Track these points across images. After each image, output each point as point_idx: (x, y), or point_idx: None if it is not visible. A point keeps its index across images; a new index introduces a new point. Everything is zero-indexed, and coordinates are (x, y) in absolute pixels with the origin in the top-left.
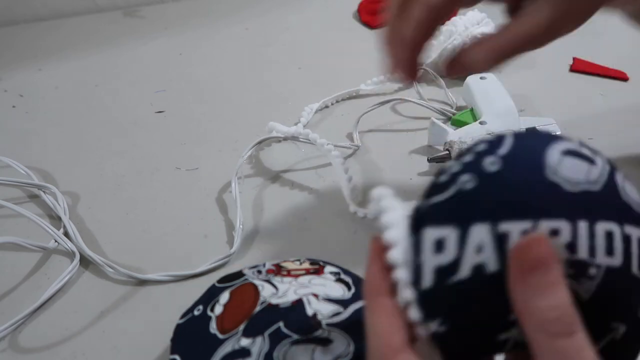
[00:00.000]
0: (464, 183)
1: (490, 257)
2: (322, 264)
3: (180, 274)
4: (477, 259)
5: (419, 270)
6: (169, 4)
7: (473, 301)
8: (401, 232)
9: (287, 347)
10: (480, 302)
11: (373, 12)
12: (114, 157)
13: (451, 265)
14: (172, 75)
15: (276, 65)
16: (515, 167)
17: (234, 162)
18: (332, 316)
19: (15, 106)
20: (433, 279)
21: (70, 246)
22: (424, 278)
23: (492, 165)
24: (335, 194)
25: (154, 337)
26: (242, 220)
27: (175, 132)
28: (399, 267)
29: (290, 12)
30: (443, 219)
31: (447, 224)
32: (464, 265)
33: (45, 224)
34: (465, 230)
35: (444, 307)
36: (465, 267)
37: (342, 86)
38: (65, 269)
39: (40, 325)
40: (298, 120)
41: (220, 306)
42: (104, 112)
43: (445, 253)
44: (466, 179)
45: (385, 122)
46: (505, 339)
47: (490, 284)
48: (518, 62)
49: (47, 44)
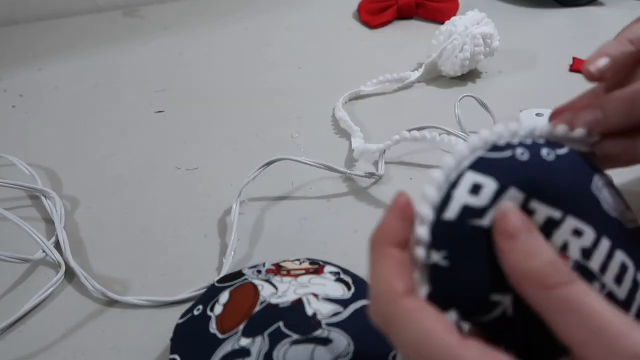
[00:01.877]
0: (520, 153)
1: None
2: (322, 264)
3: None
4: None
5: (448, 200)
6: (169, 4)
7: (484, 249)
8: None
9: (287, 347)
10: (489, 254)
11: (373, 12)
12: (113, 157)
13: (479, 210)
14: (172, 75)
15: (276, 65)
16: (568, 168)
17: (234, 161)
18: (332, 316)
19: (15, 106)
20: (458, 213)
21: (57, 257)
22: (449, 209)
23: (549, 155)
24: (335, 194)
25: (154, 337)
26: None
27: (175, 132)
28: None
29: (290, 12)
30: (489, 170)
31: (491, 175)
32: (489, 216)
33: (35, 234)
34: (504, 188)
35: (455, 242)
36: (489, 218)
37: (342, 86)
38: (50, 281)
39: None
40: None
41: (220, 306)
42: (104, 112)
43: (478, 197)
44: (522, 152)
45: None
46: (496, 301)
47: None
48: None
49: (47, 44)
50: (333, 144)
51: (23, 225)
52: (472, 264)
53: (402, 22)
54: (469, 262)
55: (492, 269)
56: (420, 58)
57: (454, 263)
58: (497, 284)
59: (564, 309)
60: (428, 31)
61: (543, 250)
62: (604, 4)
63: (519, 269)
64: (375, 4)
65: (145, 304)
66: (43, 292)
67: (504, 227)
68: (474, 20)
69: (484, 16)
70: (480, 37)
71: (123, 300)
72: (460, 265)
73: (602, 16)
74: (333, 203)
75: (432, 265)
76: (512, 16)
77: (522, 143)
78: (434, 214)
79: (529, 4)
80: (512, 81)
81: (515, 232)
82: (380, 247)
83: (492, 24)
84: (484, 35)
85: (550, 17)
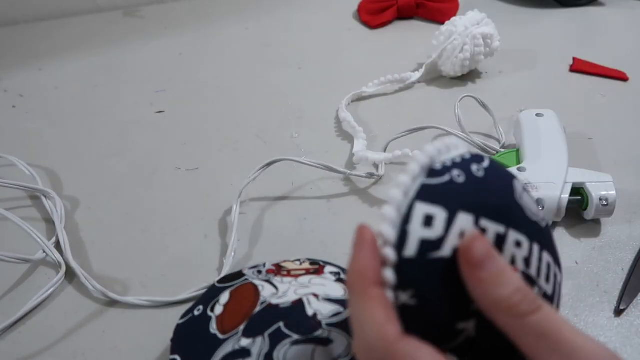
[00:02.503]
0: (455, 176)
1: None
2: (322, 264)
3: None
4: (458, 242)
5: (405, 236)
6: (169, 4)
7: (447, 280)
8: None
9: (287, 347)
10: (453, 284)
11: (373, 12)
12: (113, 157)
13: (436, 241)
14: (172, 75)
15: (276, 65)
16: (496, 181)
17: (234, 161)
18: (332, 316)
19: (15, 106)
20: (417, 249)
21: (57, 257)
22: (408, 246)
23: (478, 172)
24: (335, 194)
25: (154, 337)
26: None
27: (175, 132)
28: (388, 223)
29: (290, 12)
30: (435, 198)
31: (438, 204)
32: (447, 245)
33: (35, 234)
34: (453, 214)
35: (419, 280)
36: (448, 247)
37: (342, 86)
38: (51, 281)
39: (32, 329)
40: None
41: (220, 306)
42: (104, 112)
43: (432, 229)
44: (457, 173)
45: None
46: (462, 328)
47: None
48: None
49: (47, 44)
50: (333, 144)
51: (23, 225)
52: (437, 298)
53: (402, 22)
54: (435, 297)
55: (455, 298)
56: (421, 58)
57: (421, 301)
58: (462, 313)
59: (535, 334)
60: (428, 31)
61: (509, 276)
62: (604, 4)
63: (489, 298)
64: (375, 4)
65: (145, 304)
66: (43, 292)
67: (470, 257)
68: (474, 20)
69: (484, 16)
70: (480, 37)
71: (123, 300)
72: (427, 301)
73: (602, 16)
74: (333, 203)
75: (400, 305)
76: (512, 16)
77: (453, 162)
78: (395, 253)
79: (529, 4)
80: (512, 81)
81: (481, 261)
82: (363, 289)
83: (492, 24)
84: (484, 35)
85: (550, 17)
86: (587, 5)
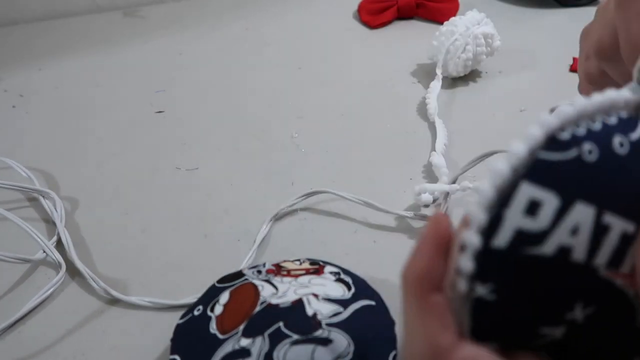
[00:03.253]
0: (586, 152)
1: (582, 244)
2: (322, 264)
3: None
4: (568, 240)
5: (497, 221)
6: (169, 4)
7: (539, 282)
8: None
9: (287, 347)
10: (546, 287)
11: (373, 12)
12: (113, 157)
13: (537, 235)
14: (172, 75)
15: (276, 65)
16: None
17: (234, 161)
18: (332, 316)
19: (15, 106)
20: (510, 240)
21: (58, 257)
22: (500, 234)
23: (620, 147)
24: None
25: (154, 337)
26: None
27: (175, 132)
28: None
29: (290, 12)
30: (550, 180)
31: (552, 187)
32: (551, 241)
33: (35, 234)
34: (569, 203)
35: (505, 276)
36: (552, 244)
37: (342, 86)
38: (51, 281)
39: (32, 329)
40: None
41: (220, 306)
42: (104, 112)
43: (536, 219)
44: (589, 148)
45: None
46: (544, 334)
47: (566, 272)
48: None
49: (47, 44)
50: (333, 144)
51: (23, 225)
52: (523, 298)
53: (402, 22)
54: (520, 297)
55: (547, 303)
56: (421, 58)
57: (502, 299)
58: (550, 319)
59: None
60: (428, 31)
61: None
62: None
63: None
64: (375, 4)
65: (148, 305)
66: (43, 292)
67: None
68: (474, 20)
69: (484, 16)
70: (481, 37)
71: (127, 299)
72: (510, 300)
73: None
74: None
75: (475, 298)
76: (512, 16)
77: (589, 131)
78: (480, 240)
79: (529, 4)
80: (512, 81)
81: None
82: (418, 296)
83: (491, 24)
84: (484, 35)
85: (550, 17)
86: (587, 5)
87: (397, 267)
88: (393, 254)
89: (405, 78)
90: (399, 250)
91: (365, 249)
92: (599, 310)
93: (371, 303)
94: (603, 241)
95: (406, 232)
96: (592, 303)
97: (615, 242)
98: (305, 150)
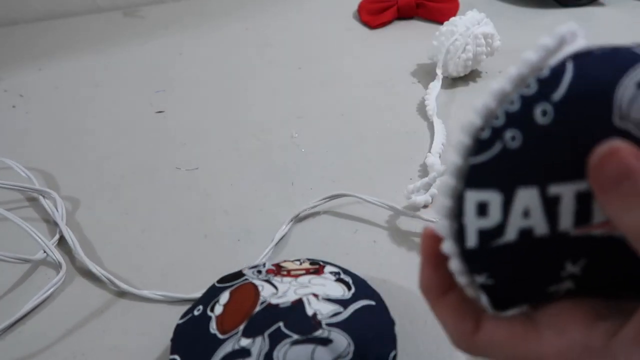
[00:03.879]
0: (508, 141)
1: (540, 221)
2: (322, 264)
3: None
4: (524, 223)
5: (461, 229)
6: (169, 4)
7: (521, 262)
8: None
9: (287, 347)
10: (529, 263)
11: (373, 12)
12: (113, 157)
13: (495, 229)
14: (172, 75)
15: (276, 65)
16: (573, 117)
17: (234, 161)
18: (332, 316)
19: (15, 106)
20: (477, 240)
21: (58, 257)
22: (468, 238)
23: (543, 117)
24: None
25: (154, 337)
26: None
27: (175, 132)
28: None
29: (290, 12)
30: (485, 182)
31: (490, 187)
32: (509, 229)
33: (36, 234)
34: (510, 195)
35: (489, 265)
36: (511, 231)
37: (342, 86)
38: (51, 281)
39: (32, 329)
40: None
41: (220, 306)
42: (104, 112)
43: (488, 217)
44: (511, 135)
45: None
46: (555, 290)
47: (540, 246)
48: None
49: (47, 44)
50: (333, 144)
51: (23, 225)
52: (516, 276)
53: (402, 22)
54: (513, 275)
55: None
56: (421, 58)
57: (499, 280)
58: (548, 280)
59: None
60: (428, 31)
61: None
62: (604, 4)
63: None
64: (375, 4)
65: (157, 298)
66: (43, 292)
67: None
68: (473, 20)
69: (483, 16)
70: (481, 36)
71: (137, 293)
72: (507, 279)
73: (602, 16)
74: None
75: (479, 285)
76: (512, 16)
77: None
78: (455, 246)
79: (529, 4)
80: None
81: (614, 183)
82: (433, 300)
83: (490, 24)
84: (484, 34)
85: (550, 17)
86: (587, 5)
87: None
88: (393, 253)
89: (405, 78)
90: (399, 250)
91: (365, 249)
92: (592, 259)
93: (371, 303)
94: (559, 209)
95: (406, 232)
96: (579, 257)
97: (572, 204)
98: (305, 150)
